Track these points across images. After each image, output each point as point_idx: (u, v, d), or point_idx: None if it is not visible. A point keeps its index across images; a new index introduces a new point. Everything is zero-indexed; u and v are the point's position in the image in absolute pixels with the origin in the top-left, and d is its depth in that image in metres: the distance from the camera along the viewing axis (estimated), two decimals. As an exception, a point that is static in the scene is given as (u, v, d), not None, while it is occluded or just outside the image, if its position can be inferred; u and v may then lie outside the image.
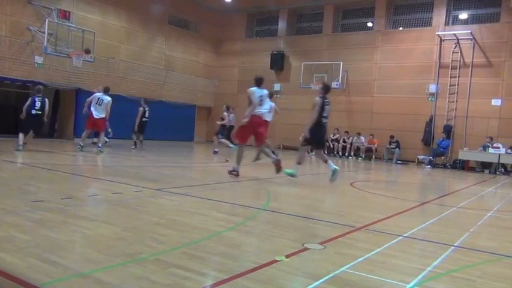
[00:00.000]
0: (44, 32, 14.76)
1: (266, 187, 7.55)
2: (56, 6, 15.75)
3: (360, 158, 18.55)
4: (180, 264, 3.08)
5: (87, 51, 15.17)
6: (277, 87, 21.34)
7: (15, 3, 14.90)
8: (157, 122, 17.91)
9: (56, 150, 12.87)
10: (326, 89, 8.52)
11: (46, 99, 11.41)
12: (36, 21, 15.33)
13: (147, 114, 14.53)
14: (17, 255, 3.03)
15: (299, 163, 8.80)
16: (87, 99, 12.59)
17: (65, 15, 15.93)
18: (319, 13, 21.24)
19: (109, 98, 12.40)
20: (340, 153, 18.96)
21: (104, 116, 12.29)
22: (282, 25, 22.01)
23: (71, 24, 15.80)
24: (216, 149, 14.69)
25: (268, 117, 9.30)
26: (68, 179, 7.30)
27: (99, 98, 12.30)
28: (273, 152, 10.45)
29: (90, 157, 11.21)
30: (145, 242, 3.62)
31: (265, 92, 8.60)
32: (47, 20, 14.92)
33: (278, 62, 21.35)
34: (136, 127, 14.46)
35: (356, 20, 20.72)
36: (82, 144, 12.06)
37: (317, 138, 8.36)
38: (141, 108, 14.47)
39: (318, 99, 8.26)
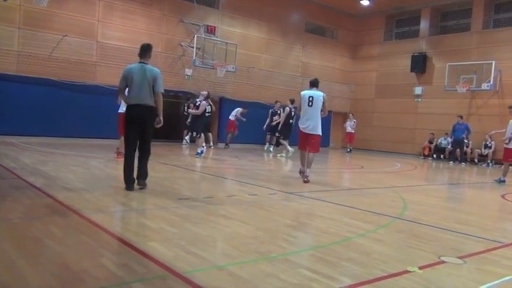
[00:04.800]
0: (192, 47, 16.27)
1: (402, 195, 7.21)
2: (203, 23, 17.23)
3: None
4: (308, 266, 3.15)
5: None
6: (418, 90, 20.16)
7: (169, 23, 16.71)
8: (293, 129, 18.35)
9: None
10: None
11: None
12: (186, 37, 16.96)
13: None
14: (165, 245, 3.44)
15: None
16: None
17: (211, 30, 17.35)
18: (467, 9, 19.49)
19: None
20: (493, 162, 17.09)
21: None
22: (424, 25, 20.73)
23: (216, 38, 17.12)
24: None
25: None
26: (210, 180, 7.93)
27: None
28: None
29: (231, 160, 11.98)
30: (277, 242, 3.79)
31: None
32: (195, 35, 16.42)
33: (419, 64, 20.15)
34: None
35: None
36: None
37: None
38: (287, 108, 14.21)
39: None
